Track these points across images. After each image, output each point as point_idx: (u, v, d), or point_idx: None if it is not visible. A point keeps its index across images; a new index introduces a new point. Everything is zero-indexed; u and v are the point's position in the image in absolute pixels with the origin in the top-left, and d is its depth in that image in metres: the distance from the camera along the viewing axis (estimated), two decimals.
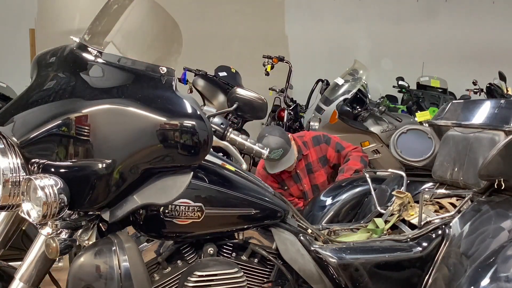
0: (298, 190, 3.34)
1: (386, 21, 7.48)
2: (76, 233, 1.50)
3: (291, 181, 3.33)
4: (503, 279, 1.51)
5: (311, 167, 3.32)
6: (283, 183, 3.33)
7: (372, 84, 5.29)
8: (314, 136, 3.40)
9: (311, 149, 3.33)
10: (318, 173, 3.32)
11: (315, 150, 3.33)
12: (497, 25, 7.59)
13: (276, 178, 3.31)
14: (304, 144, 3.33)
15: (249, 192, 1.68)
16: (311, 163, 3.32)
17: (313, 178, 3.32)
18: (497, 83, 6.04)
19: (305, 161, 3.31)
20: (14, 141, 1.41)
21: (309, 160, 3.32)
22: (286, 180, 3.33)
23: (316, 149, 3.33)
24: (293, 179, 3.33)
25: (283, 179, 3.32)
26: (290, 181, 3.33)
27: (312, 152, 3.32)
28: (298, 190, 3.33)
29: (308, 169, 3.32)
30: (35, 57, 1.68)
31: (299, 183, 3.32)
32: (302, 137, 3.40)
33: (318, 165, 3.33)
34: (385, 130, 4.44)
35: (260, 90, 1.83)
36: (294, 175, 3.32)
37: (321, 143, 3.36)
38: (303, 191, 3.33)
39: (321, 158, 3.34)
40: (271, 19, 7.16)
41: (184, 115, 1.46)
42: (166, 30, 1.69)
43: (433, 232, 1.88)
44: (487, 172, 1.82)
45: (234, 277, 1.57)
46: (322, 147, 3.35)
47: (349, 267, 1.73)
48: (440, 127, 2.35)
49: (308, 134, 3.43)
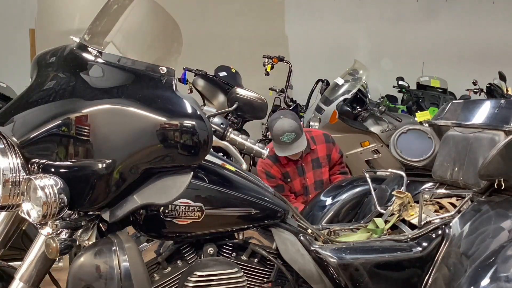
0: (300, 184, 3.33)
1: (386, 21, 7.48)
2: (76, 233, 1.50)
3: (295, 174, 3.32)
4: (503, 279, 1.51)
5: (319, 162, 3.32)
6: (287, 174, 3.31)
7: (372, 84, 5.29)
8: (324, 133, 3.42)
9: (320, 145, 3.33)
10: (324, 169, 3.32)
11: (323, 147, 3.34)
12: (497, 25, 7.59)
13: (281, 169, 3.29)
14: (312, 139, 3.33)
15: (249, 192, 1.68)
16: (319, 158, 3.32)
17: (319, 174, 3.32)
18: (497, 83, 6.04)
19: (312, 155, 3.31)
20: (14, 141, 1.41)
21: (317, 155, 3.32)
22: (290, 171, 3.31)
23: (326, 145, 3.35)
24: (298, 172, 3.31)
25: (287, 170, 3.31)
26: (294, 173, 3.31)
27: (321, 148, 3.32)
28: (301, 183, 3.33)
29: (315, 164, 3.32)
30: (35, 57, 1.68)
31: (303, 176, 3.31)
32: (310, 132, 3.40)
33: (325, 161, 3.34)
34: (385, 130, 4.44)
35: (260, 90, 1.83)
36: (299, 167, 3.31)
37: (329, 142, 3.38)
38: (305, 186, 3.32)
39: (328, 156, 3.35)
40: (271, 19, 7.16)
41: (184, 115, 1.46)
42: (166, 30, 1.69)
43: (433, 232, 1.88)
44: (487, 172, 1.82)
45: (234, 277, 1.57)
46: (330, 146, 3.37)
47: (349, 267, 1.73)
48: (440, 127, 2.35)
49: (316, 130, 3.43)
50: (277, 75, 5.51)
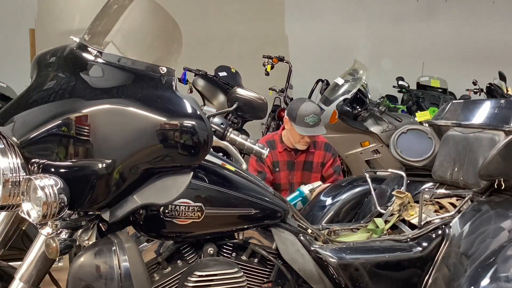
0: (286, 178, 3.33)
1: (386, 21, 7.48)
2: (76, 233, 1.50)
3: (285, 166, 3.32)
4: (503, 279, 1.51)
5: (312, 166, 3.32)
6: (277, 163, 3.31)
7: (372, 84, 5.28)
8: (326, 142, 3.42)
9: (318, 151, 3.34)
10: (314, 175, 3.33)
11: (322, 154, 3.34)
12: (497, 25, 7.59)
13: (273, 157, 3.29)
14: (314, 143, 3.33)
15: (249, 192, 1.68)
16: (312, 163, 3.32)
17: (307, 176, 3.31)
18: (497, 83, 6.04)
19: (307, 157, 3.31)
20: (14, 141, 1.41)
21: (312, 159, 3.32)
22: (281, 162, 3.31)
23: (323, 153, 3.35)
24: (287, 166, 3.33)
25: (279, 159, 3.31)
26: (284, 166, 3.32)
27: (318, 154, 3.33)
28: (287, 178, 3.33)
29: (306, 166, 3.32)
30: (35, 57, 1.68)
31: (291, 171, 3.32)
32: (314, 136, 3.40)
33: (318, 168, 3.34)
34: (385, 130, 4.44)
35: (260, 90, 1.83)
36: (290, 162, 3.32)
37: (329, 152, 3.37)
38: (290, 182, 3.33)
39: (322, 164, 3.35)
40: (271, 19, 7.16)
41: (184, 115, 1.46)
42: (166, 30, 1.69)
43: (433, 232, 1.88)
44: (487, 172, 1.82)
45: (234, 277, 1.57)
46: (327, 155, 3.36)
47: (349, 267, 1.73)
48: (440, 127, 2.35)
49: (321, 137, 3.43)
50: (277, 75, 5.51)
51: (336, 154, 3.45)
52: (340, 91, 4.62)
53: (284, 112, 5.20)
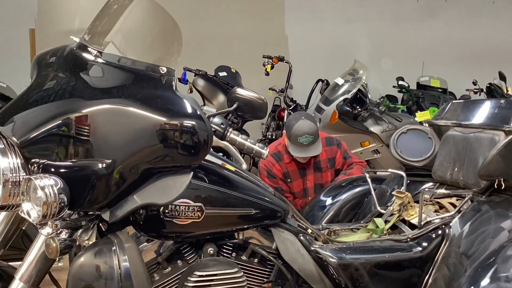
0: (300, 186, 3.33)
1: (386, 21, 7.48)
2: (76, 233, 1.50)
3: (297, 174, 3.31)
4: (503, 279, 1.51)
5: (320, 165, 3.31)
6: (288, 174, 3.31)
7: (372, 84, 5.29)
8: (327, 136, 3.41)
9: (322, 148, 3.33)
10: (326, 173, 3.32)
11: (326, 150, 3.33)
12: (497, 25, 7.59)
13: (282, 168, 3.29)
14: None
15: (249, 192, 1.68)
16: (320, 162, 3.32)
17: (319, 177, 3.31)
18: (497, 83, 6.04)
19: (314, 158, 3.30)
20: (14, 141, 1.41)
21: (319, 158, 3.31)
22: (291, 172, 3.30)
23: (327, 149, 3.34)
24: (299, 173, 3.31)
25: (288, 170, 3.30)
26: (296, 174, 3.31)
27: (323, 151, 3.32)
28: (301, 185, 3.33)
29: (316, 167, 3.31)
30: (35, 57, 1.68)
31: (304, 178, 3.31)
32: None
33: (327, 165, 3.33)
34: (385, 130, 4.44)
35: (260, 90, 1.83)
36: (301, 169, 3.31)
37: (332, 145, 3.37)
38: (304, 188, 3.32)
39: (330, 159, 3.34)
40: (271, 19, 7.16)
41: (184, 115, 1.46)
42: (166, 30, 1.69)
43: (433, 232, 1.88)
44: (487, 172, 1.82)
45: (234, 277, 1.57)
46: (333, 149, 3.36)
47: (349, 267, 1.73)
48: (440, 127, 2.35)
49: (321, 133, 3.43)
50: (277, 75, 5.51)
51: (339, 142, 3.42)
52: (340, 91, 4.62)
53: (284, 112, 5.23)
